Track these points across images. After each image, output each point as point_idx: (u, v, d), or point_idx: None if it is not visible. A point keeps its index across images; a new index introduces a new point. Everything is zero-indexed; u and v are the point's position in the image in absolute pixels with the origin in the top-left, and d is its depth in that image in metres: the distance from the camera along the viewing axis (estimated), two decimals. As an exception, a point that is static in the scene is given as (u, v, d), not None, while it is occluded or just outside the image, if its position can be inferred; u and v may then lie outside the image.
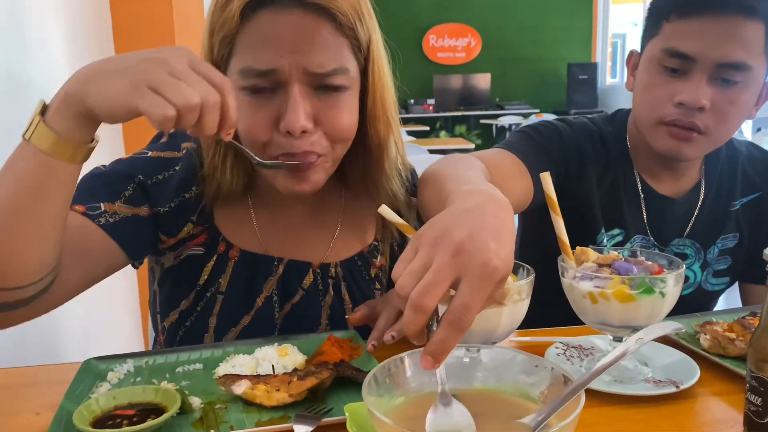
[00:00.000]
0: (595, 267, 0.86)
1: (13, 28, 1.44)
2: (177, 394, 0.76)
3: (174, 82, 0.70)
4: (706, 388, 0.83)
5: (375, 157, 1.05)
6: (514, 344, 0.98)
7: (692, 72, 1.09)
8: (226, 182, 1.01)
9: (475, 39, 10.34)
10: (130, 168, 1.01)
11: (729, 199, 1.28)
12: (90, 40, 2.00)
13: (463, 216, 0.62)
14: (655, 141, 1.16)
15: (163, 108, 0.68)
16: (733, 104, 1.10)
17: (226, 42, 0.92)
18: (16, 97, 1.41)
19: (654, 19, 1.15)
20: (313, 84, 0.92)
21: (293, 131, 0.90)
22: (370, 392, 0.62)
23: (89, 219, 0.93)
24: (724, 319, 0.99)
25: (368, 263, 1.13)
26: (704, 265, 1.28)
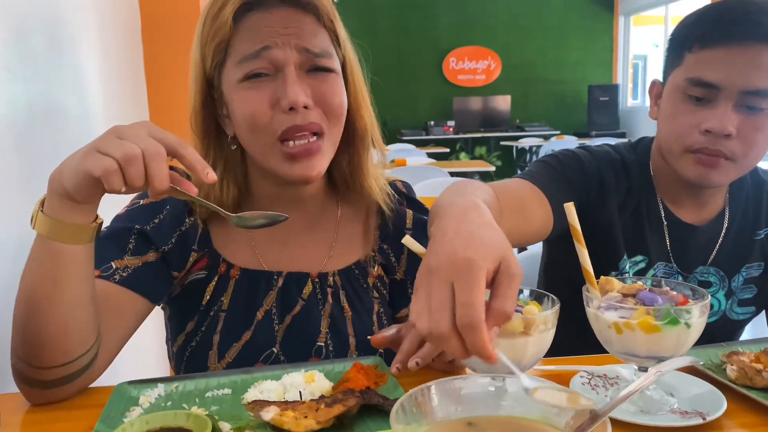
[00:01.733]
0: (619, 297, 0.87)
1: (50, 60, 1.49)
2: (208, 420, 0.77)
3: (117, 141, 0.77)
4: (733, 420, 0.83)
5: (360, 144, 1.12)
6: (539, 372, 0.98)
7: (717, 100, 1.10)
8: (215, 193, 1.06)
9: (495, 61, 10.39)
10: (128, 221, 1.06)
11: (754, 228, 1.27)
12: (123, 71, 2.07)
13: (436, 246, 0.68)
14: (683, 169, 1.17)
15: (103, 161, 0.75)
16: (760, 130, 1.11)
17: (220, 48, 1.00)
18: (55, 124, 1.46)
19: (676, 51, 1.17)
20: (306, 66, 1.00)
21: (295, 105, 0.97)
22: (398, 420, 0.63)
23: (106, 279, 0.99)
24: (750, 349, 0.99)
25: (365, 272, 1.16)
26: (729, 293, 1.27)
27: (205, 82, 1.04)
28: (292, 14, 1.00)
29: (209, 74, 1.03)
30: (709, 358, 1.00)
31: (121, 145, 0.76)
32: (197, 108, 1.05)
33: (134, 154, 0.75)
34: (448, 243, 0.66)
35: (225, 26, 0.98)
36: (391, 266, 1.19)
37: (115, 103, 1.95)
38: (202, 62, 1.03)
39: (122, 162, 0.75)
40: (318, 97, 1.00)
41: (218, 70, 1.02)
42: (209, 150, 1.07)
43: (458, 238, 0.67)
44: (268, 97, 0.98)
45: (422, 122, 10.07)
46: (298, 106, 0.97)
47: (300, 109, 0.97)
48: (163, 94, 2.25)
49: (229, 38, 0.99)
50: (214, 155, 1.07)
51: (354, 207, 1.19)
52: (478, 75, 10.44)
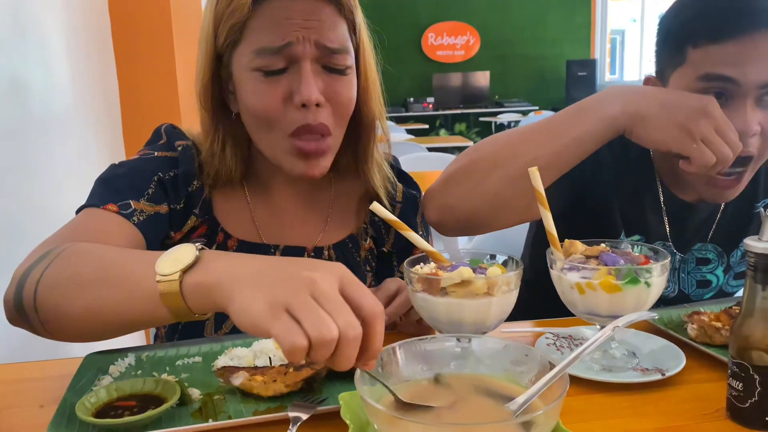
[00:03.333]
0: (582, 258, 0.88)
1: (14, 30, 1.46)
2: (177, 386, 0.78)
3: (314, 309, 0.61)
4: (691, 376, 0.85)
5: (366, 133, 1.12)
6: (506, 335, 1.00)
7: (737, 97, 1.02)
8: (225, 168, 1.06)
9: (474, 37, 10.35)
10: (147, 166, 1.04)
11: (752, 201, 1.25)
12: (89, 41, 2.03)
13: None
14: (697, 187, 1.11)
15: (295, 336, 0.60)
16: None
17: (235, 29, 0.97)
18: (17, 98, 1.44)
19: (674, 46, 1.07)
20: (322, 61, 0.98)
21: (308, 103, 0.96)
22: (363, 381, 0.65)
23: (125, 218, 0.96)
24: (711, 309, 1.01)
25: (358, 245, 1.17)
26: (727, 268, 1.26)
27: (215, 58, 1.02)
28: (312, 3, 0.97)
29: (220, 50, 1.01)
30: (671, 318, 1.02)
31: (320, 320, 0.61)
32: (206, 84, 1.03)
33: (331, 338, 0.60)
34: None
35: (243, 8, 0.96)
36: (381, 238, 1.20)
37: (83, 78, 1.92)
38: (214, 39, 1.00)
39: (315, 343, 0.61)
40: (329, 94, 0.99)
41: (230, 50, 1.00)
42: (218, 125, 1.05)
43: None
44: (282, 92, 0.97)
45: (402, 99, 10.03)
46: (311, 103, 0.96)
47: (312, 106, 0.97)
48: (132, 66, 2.21)
49: (246, 20, 0.97)
50: (224, 131, 1.05)
51: (349, 183, 1.19)
52: (457, 51, 10.40)
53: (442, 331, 0.82)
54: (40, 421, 0.75)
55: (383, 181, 1.17)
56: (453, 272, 0.79)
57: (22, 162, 1.45)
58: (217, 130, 1.05)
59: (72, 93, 1.77)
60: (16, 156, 1.41)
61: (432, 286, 0.79)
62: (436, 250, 0.87)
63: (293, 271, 0.64)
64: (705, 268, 1.26)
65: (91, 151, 1.94)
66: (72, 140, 1.79)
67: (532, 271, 1.09)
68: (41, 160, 1.57)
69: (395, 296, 0.98)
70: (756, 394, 0.71)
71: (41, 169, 1.56)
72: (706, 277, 1.26)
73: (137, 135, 2.18)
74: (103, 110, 2.11)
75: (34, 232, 0.95)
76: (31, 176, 1.50)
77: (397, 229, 0.88)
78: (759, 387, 0.70)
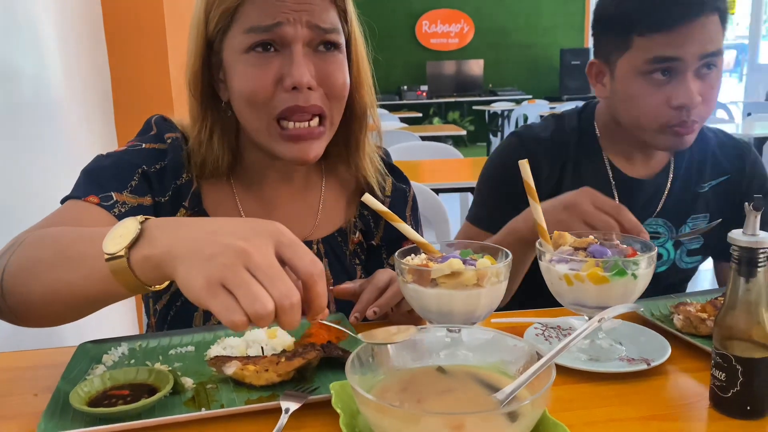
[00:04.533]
0: (571, 250, 0.89)
1: (5, 18, 1.45)
2: (170, 375, 0.79)
3: (249, 284, 0.63)
4: (676, 366, 0.87)
5: (358, 123, 1.12)
6: (495, 325, 1.01)
7: (680, 71, 1.16)
8: (212, 157, 1.05)
9: (468, 25, 10.33)
10: (133, 158, 1.04)
11: (699, 181, 1.34)
12: (81, 30, 2.01)
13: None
14: (660, 142, 1.23)
15: (233, 314, 0.63)
16: (714, 87, 1.20)
17: (226, 14, 0.97)
18: (7, 87, 1.43)
19: (619, 34, 1.21)
20: (314, 42, 0.98)
21: (299, 85, 0.96)
22: (354, 371, 0.66)
23: (105, 210, 0.97)
24: (697, 300, 1.03)
25: (347, 239, 1.18)
26: (677, 243, 1.34)
27: (206, 45, 1.02)
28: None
29: (211, 37, 1.01)
30: (658, 309, 1.04)
31: (254, 296, 0.63)
32: (196, 71, 1.03)
33: (266, 312, 0.63)
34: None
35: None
36: (370, 231, 1.20)
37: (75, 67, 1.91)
38: (205, 25, 1.00)
39: (252, 318, 0.63)
40: (321, 77, 0.99)
41: (221, 35, 1.00)
42: (206, 113, 1.05)
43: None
44: (272, 74, 0.97)
45: (395, 87, 10.01)
46: (302, 86, 0.96)
47: (303, 89, 0.96)
48: (124, 55, 2.20)
49: (237, 6, 0.97)
50: (212, 119, 1.05)
51: (340, 177, 1.19)
52: (451, 39, 10.38)
53: (432, 322, 0.84)
54: (34, 410, 0.76)
55: (374, 172, 1.17)
56: (443, 263, 0.80)
57: (12, 151, 1.44)
58: (206, 119, 1.04)
59: (64, 82, 1.76)
60: (6, 145, 1.40)
61: (422, 277, 0.80)
62: (427, 241, 0.88)
63: (229, 241, 0.65)
64: (656, 242, 1.33)
65: (83, 141, 1.93)
66: (64, 130, 1.78)
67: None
68: (32, 150, 1.56)
69: (386, 288, 0.99)
70: (738, 384, 0.72)
71: (32, 158, 1.56)
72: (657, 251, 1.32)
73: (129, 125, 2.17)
74: (95, 100, 2.10)
75: (24, 222, 0.94)
76: (22, 166, 1.50)
77: (389, 220, 0.89)
78: (741, 377, 0.72)
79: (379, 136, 1.21)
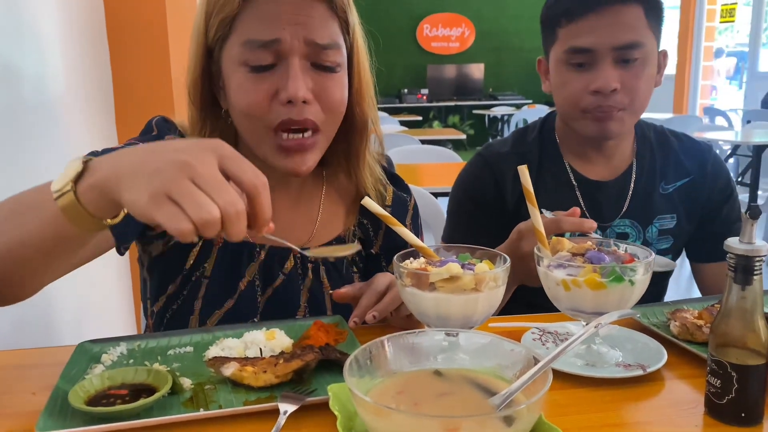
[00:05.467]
0: (569, 256, 0.90)
1: (7, 17, 1.45)
2: (168, 375, 0.79)
3: (193, 193, 0.65)
4: (672, 372, 0.87)
5: (359, 136, 1.11)
6: (492, 329, 1.01)
7: (596, 62, 1.22)
8: None
9: (469, 29, 10.35)
10: None
11: (662, 182, 1.37)
12: (83, 30, 2.02)
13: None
14: (583, 128, 1.28)
15: (179, 222, 0.65)
16: (639, 78, 1.24)
17: (225, 23, 0.97)
18: (9, 86, 1.44)
19: (549, 30, 1.30)
20: (311, 58, 0.98)
21: (295, 99, 0.95)
22: (351, 373, 0.66)
23: None
24: (694, 306, 1.04)
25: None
26: (645, 243, 1.35)
27: (206, 53, 1.02)
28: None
29: (210, 45, 1.01)
30: (655, 315, 1.04)
31: (200, 204, 0.65)
32: (196, 79, 1.03)
33: (213, 219, 0.65)
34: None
35: (234, 2, 0.96)
36: (369, 240, 1.20)
37: (76, 66, 1.91)
38: (205, 33, 1.00)
39: (199, 226, 0.65)
40: (319, 92, 0.99)
41: (220, 43, 1.00)
42: (205, 121, 1.05)
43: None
44: (268, 88, 0.97)
45: (396, 90, 10.02)
46: (297, 100, 0.95)
47: (298, 103, 0.96)
48: (126, 55, 2.21)
49: (236, 14, 0.97)
50: (211, 127, 1.05)
51: (340, 186, 1.19)
52: (452, 42, 10.40)
53: (430, 326, 0.84)
54: (33, 408, 0.76)
55: (375, 183, 1.17)
56: (441, 268, 0.81)
57: (13, 150, 1.45)
58: (204, 126, 1.05)
59: (65, 81, 1.76)
60: (7, 144, 1.41)
61: (421, 280, 0.81)
62: (426, 245, 0.89)
63: (171, 157, 0.67)
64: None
65: (84, 140, 1.93)
66: (64, 129, 1.79)
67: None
68: (33, 149, 1.56)
69: (385, 292, 1.00)
70: (733, 391, 0.73)
71: (33, 157, 1.56)
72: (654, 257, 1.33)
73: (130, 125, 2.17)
74: (97, 100, 2.10)
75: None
76: (22, 164, 1.50)
77: (388, 223, 0.89)
78: (736, 384, 0.72)
79: (380, 145, 1.21)
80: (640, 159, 1.37)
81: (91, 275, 1.79)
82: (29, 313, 1.45)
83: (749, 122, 6.42)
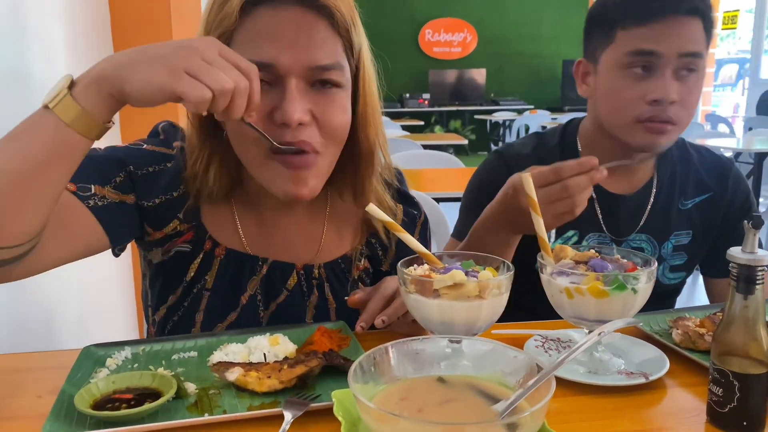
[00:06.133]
0: (572, 264, 0.90)
1: (14, 24, 1.46)
2: (173, 380, 0.80)
3: (209, 68, 0.76)
4: (674, 380, 0.88)
5: (365, 164, 1.06)
6: (495, 336, 1.02)
7: (658, 68, 1.19)
8: (207, 188, 1.03)
9: (471, 34, 10.37)
10: (125, 156, 1.02)
11: (681, 198, 1.35)
12: (88, 35, 2.03)
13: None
14: (632, 138, 1.23)
15: (201, 91, 0.75)
16: (692, 93, 1.22)
17: (223, 39, 0.93)
18: (16, 91, 1.44)
19: (604, 29, 1.24)
20: (311, 79, 0.93)
21: (289, 122, 0.90)
22: (356, 379, 0.66)
23: (79, 199, 0.95)
24: (696, 315, 1.04)
25: (351, 265, 1.15)
26: (659, 259, 1.34)
27: None
28: (303, 16, 0.92)
29: None
30: (657, 323, 1.05)
31: (216, 76, 0.76)
32: None
33: (228, 89, 0.77)
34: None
35: (230, 17, 0.92)
36: (377, 258, 1.19)
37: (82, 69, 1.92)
38: None
39: (217, 94, 0.76)
40: (317, 113, 0.94)
41: None
42: (205, 144, 1.01)
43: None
44: (265, 107, 0.92)
45: (398, 94, 10.03)
46: (293, 123, 0.91)
47: (294, 125, 0.92)
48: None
49: (233, 30, 0.93)
50: (210, 150, 1.01)
51: (345, 206, 1.15)
52: (454, 47, 10.42)
53: (433, 332, 0.84)
54: (39, 412, 0.77)
55: (384, 210, 1.07)
56: (445, 275, 0.81)
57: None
58: (203, 150, 1.01)
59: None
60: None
61: (425, 287, 0.81)
62: (431, 252, 0.89)
63: (176, 45, 0.77)
64: None
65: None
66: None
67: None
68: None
69: (393, 296, 1.00)
70: (735, 400, 0.73)
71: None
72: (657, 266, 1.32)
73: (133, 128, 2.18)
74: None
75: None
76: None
77: (392, 230, 0.90)
78: (738, 393, 0.73)
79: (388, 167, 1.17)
80: (660, 174, 1.34)
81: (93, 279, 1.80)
82: (32, 317, 1.46)
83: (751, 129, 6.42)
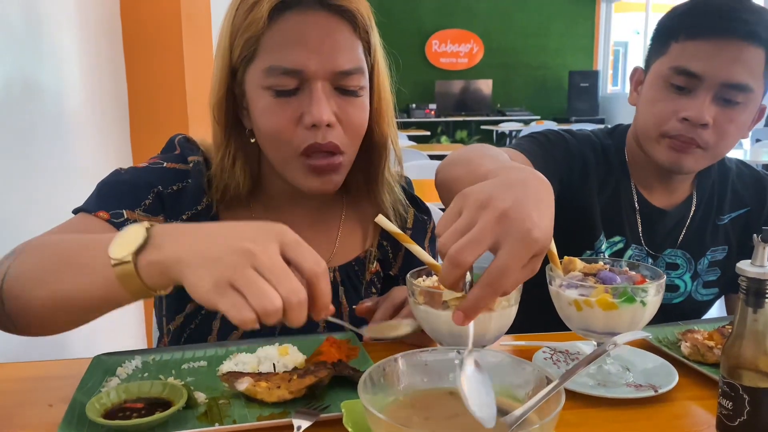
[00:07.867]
0: (581, 276, 0.91)
1: (28, 35, 1.48)
2: (183, 390, 0.80)
3: (256, 283, 0.66)
4: (683, 393, 0.88)
5: (378, 156, 1.11)
6: (504, 348, 1.02)
7: (698, 90, 1.15)
8: (234, 184, 1.06)
9: (478, 45, 10.39)
10: (150, 177, 1.04)
11: (719, 214, 1.33)
12: (99, 42, 2.05)
13: (508, 187, 0.67)
14: (656, 153, 1.22)
15: (243, 313, 0.65)
16: (733, 123, 1.16)
17: (250, 43, 0.97)
18: (30, 101, 1.46)
19: (662, 39, 1.21)
20: (335, 82, 0.98)
21: (319, 123, 0.96)
22: (366, 390, 0.67)
23: (113, 226, 0.96)
24: (705, 327, 1.04)
25: (364, 268, 1.17)
26: (694, 275, 1.33)
27: (230, 73, 1.02)
28: (328, 21, 0.97)
29: (235, 65, 1.01)
30: (666, 335, 1.05)
31: (263, 294, 0.65)
32: (221, 98, 1.03)
33: (275, 309, 0.66)
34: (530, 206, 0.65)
35: (259, 22, 0.96)
36: (388, 262, 1.20)
37: (93, 81, 1.94)
38: (230, 53, 1.00)
39: (261, 315, 0.66)
40: (341, 115, 0.99)
41: (244, 65, 1.00)
42: (230, 141, 1.05)
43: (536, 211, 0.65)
44: (292, 113, 0.97)
45: (404, 104, 10.06)
46: (322, 124, 0.97)
47: (323, 126, 0.97)
48: (142, 71, 2.24)
49: (261, 35, 0.97)
50: (235, 146, 1.05)
51: (361, 208, 1.19)
52: (461, 58, 10.44)
53: (442, 344, 0.85)
54: (51, 420, 0.78)
55: (394, 203, 1.16)
56: (455, 286, 0.81)
57: (33, 163, 1.47)
58: (229, 146, 1.05)
59: (82, 95, 1.79)
60: (27, 157, 1.43)
61: (434, 299, 0.82)
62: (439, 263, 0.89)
63: (234, 244, 0.67)
64: (674, 273, 1.32)
65: (100, 154, 1.96)
66: (81, 142, 1.81)
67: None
68: (52, 162, 1.59)
69: (402, 305, 1.00)
70: (745, 414, 0.73)
71: (51, 170, 1.59)
72: (674, 282, 1.33)
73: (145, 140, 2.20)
74: (112, 114, 2.13)
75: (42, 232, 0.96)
76: (41, 177, 1.53)
77: (401, 241, 0.90)
78: (748, 407, 0.73)
79: (399, 163, 1.20)
80: (700, 190, 1.32)
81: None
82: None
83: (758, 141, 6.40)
